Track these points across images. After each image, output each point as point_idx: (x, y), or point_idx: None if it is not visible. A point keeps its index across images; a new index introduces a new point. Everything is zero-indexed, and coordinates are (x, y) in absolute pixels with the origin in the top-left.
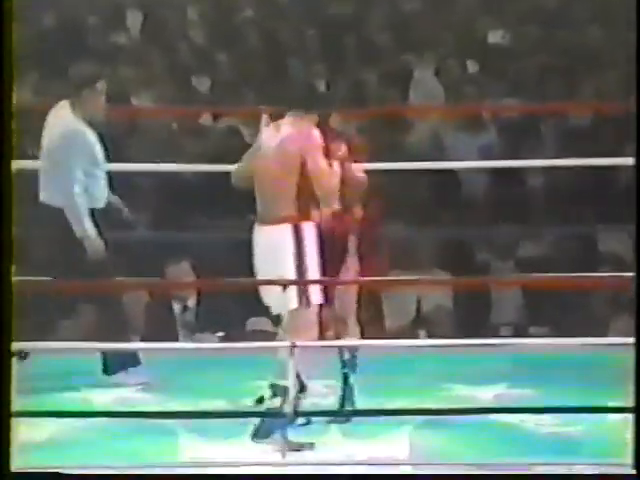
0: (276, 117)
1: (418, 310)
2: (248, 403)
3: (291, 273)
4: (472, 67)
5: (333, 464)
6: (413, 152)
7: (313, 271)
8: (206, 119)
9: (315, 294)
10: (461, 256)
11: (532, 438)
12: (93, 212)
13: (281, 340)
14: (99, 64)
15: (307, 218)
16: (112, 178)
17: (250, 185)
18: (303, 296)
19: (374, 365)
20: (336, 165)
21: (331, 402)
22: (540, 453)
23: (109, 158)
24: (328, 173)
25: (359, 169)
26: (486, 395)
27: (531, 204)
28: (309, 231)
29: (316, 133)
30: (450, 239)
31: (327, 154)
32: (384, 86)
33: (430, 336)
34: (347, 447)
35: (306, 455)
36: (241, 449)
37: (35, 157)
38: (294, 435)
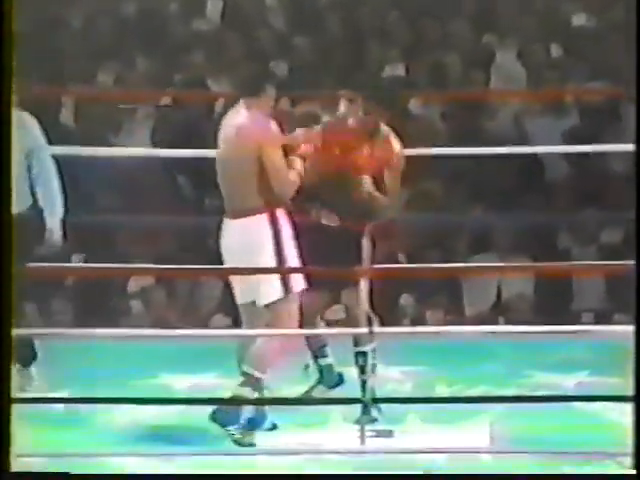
0: (353, 102)
1: (498, 296)
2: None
3: (271, 263)
4: (556, 51)
5: (411, 452)
6: (494, 137)
7: (292, 258)
8: (284, 104)
9: (297, 281)
10: (543, 242)
11: (615, 427)
12: None
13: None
14: (180, 51)
15: (277, 206)
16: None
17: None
18: (287, 285)
19: (454, 352)
20: (298, 162)
21: (407, 389)
22: (622, 443)
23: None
24: (283, 169)
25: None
26: (568, 383)
27: (614, 189)
28: (283, 219)
29: (273, 126)
30: (532, 224)
31: (285, 146)
32: (465, 70)
33: (510, 322)
34: (426, 435)
35: (385, 442)
36: (319, 436)
37: (115, 144)
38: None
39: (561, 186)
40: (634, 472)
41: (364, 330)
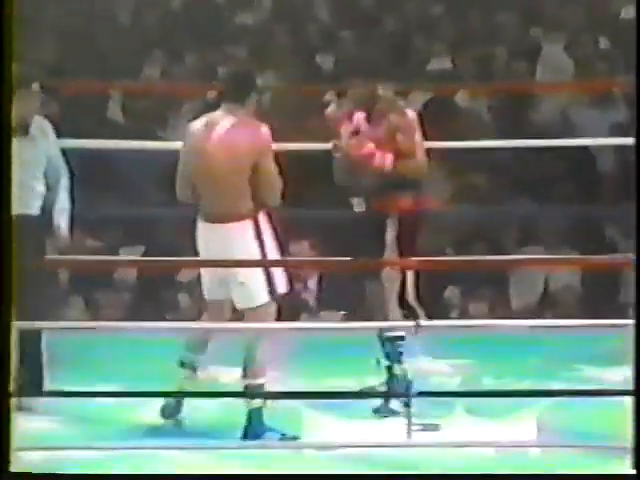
0: (402, 94)
1: (545, 289)
2: (372, 382)
3: (256, 268)
4: (604, 43)
5: (458, 445)
6: (541, 129)
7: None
8: (330, 96)
9: (281, 285)
10: (590, 234)
11: None
12: None
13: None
14: (227, 45)
15: (259, 212)
16: None
17: (190, 197)
18: (273, 290)
19: (501, 345)
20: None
21: (455, 382)
22: None
23: None
24: (277, 176)
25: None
26: (615, 377)
27: None
28: (265, 224)
29: (267, 131)
30: (579, 217)
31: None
32: (512, 62)
33: (557, 315)
34: (473, 428)
35: (431, 436)
36: (366, 429)
37: (162, 138)
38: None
39: (609, 178)
40: (634, 472)
41: (410, 323)
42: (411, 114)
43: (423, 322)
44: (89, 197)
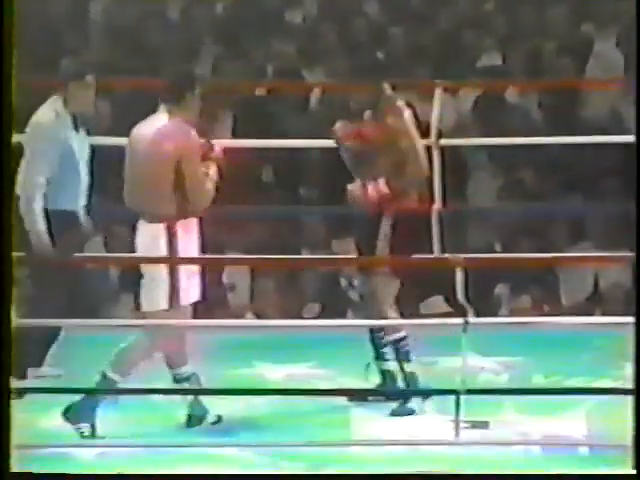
0: (451, 91)
1: (595, 286)
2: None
3: (163, 272)
4: None
5: (507, 443)
6: (591, 125)
7: (187, 270)
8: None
9: (186, 295)
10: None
11: None
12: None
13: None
14: (275, 41)
15: (184, 216)
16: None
17: (134, 190)
18: (174, 297)
19: (550, 343)
20: (212, 169)
21: (503, 379)
22: None
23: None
24: (201, 181)
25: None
26: None
27: None
28: (184, 230)
29: (194, 134)
30: (629, 213)
31: (203, 156)
32: (563, 58)
33: (607, 313)
34: (522, 426)
35: (480, 434)
36: (414, 426)
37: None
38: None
39: None
40: (634, 472)
41: (459, 320)
42: (407, 114)
43: (472, 319)
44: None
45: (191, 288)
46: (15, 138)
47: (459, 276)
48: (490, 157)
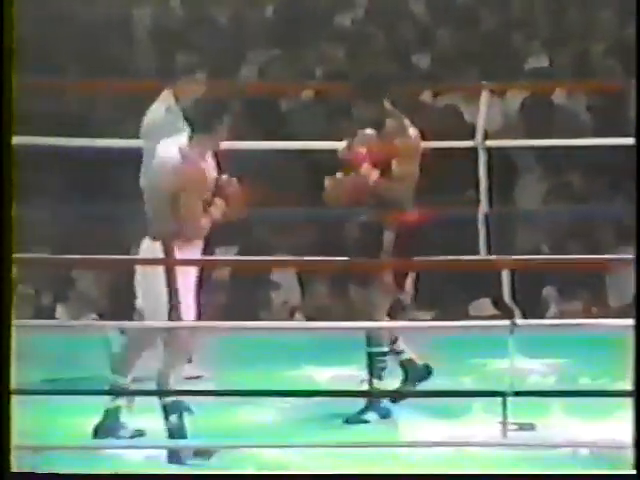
0: (498, 93)
1: None
2: (467, 382)
3: (162, 292)
4: None
5: (554, 446)
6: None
7: (186, 291)
8: (426, 96)
9: (187, 311)
10: None
11: None
12: None
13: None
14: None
15: (181, 237)
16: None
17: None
18: (174, 314)
19: (597, 345)
20: (219, 205)
21: (550, 381)
22: None
23: None
24: (195, 216)
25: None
26: None
27: None
28: (185, 248)
29: (204, 167)
30: None
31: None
32: (609, 60)
33: None
34: (569, 428)
35: (527, 435)
36: (461, 428)
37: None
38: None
39: None
40: (634, 472)
41: (506, 322)
42: (415, 137)
43: (519, 321)
44: None
45: (189, 308)
46: (15, 140)
47: (506, 278)
48: (537, 159)
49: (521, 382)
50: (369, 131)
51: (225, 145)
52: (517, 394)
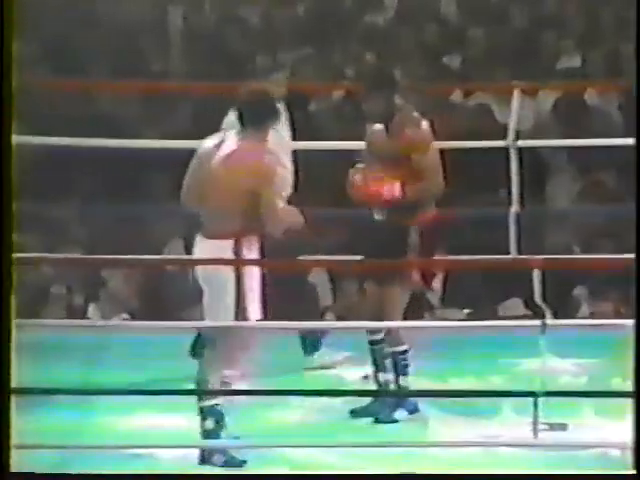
0: (530, 93)
1: None
2: (498, 381)
3: (230, 290)
4: None
5: (586, 446)
6: None
7: (251, 289)
8: (457, 96)
9: (254, 311)
10: None
11: None
12: None
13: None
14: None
15: (250, 233)
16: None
17: (201, 202)
18: (240, 314)
19: (624, 345)
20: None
21: (582, 381)
22: None
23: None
24: (278, 208)
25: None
26: None
27: None
28: (249, 248)
29: (270, 161)
30: None
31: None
32: None
33: None
34: (601, 428)
35: (559, 435)
36: (492, 428)
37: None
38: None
39: None
40: (634, 472)
41: (537, 322)
42: (425, 127)
43: (550, 321)
44: None
45: (255, 306)
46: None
47: (537, 278)
48: (569, 159)
49: (552, 382)
50: (378, 126)
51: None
52: (548, 394)
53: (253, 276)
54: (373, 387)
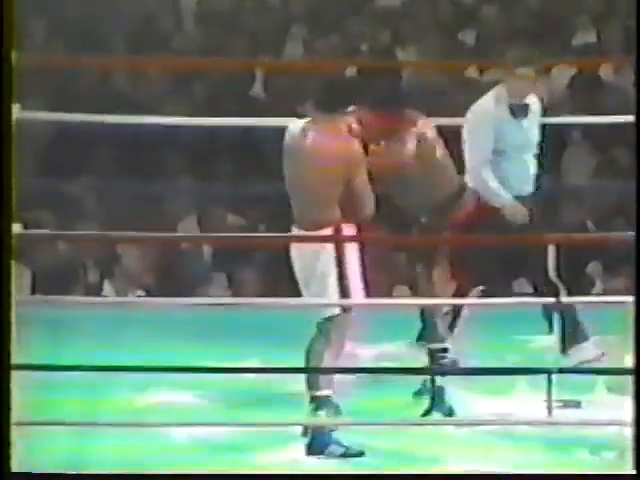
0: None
1: None
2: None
3: (332, 279)
4: None
5: (599, 424)
6: None
7: (354, 274)
8: (472, 72)
9: (357, 293)
10: None
11: None
12: None
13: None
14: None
15: (347, 221)
16: None
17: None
18: (344, 297)
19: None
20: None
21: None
22: None
23: None
24: (370, 191)
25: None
26: None
27: None
28: (349, 233)
29: (358, 146)
30: None
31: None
32: None
33: None
34: (614, 406)
35: (572, 413)
36: (507, 405)
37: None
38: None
39: None
40: (634, 472)
41: (551, 299)
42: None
43: (564, 298)
44: (232, 174)
45: (358, 292)
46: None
47: (551, 254)
48: (585, 135)
49: (566, 359)
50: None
51: None
52: (561, 371)
53: (354, 257)
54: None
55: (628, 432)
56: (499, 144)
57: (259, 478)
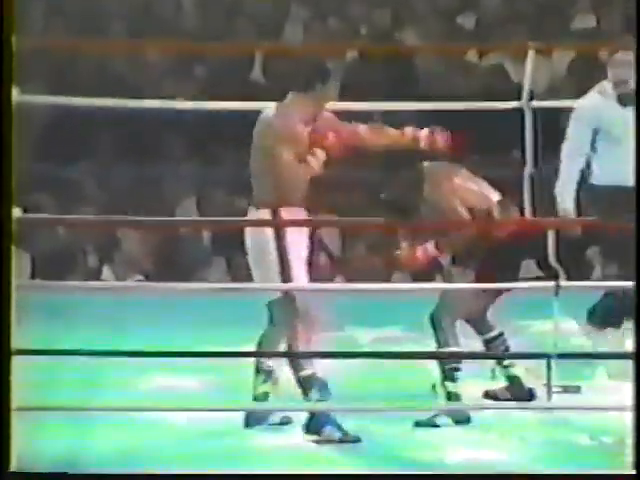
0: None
1: None
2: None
3: (274, 261)
4: None
5: (598, 408)
6: None
7: (296, 259)
8: (472, 56)
9: (299, 280)
10: None
11: None
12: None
13: None
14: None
15: (285, 204)
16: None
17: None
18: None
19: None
20: (318, 157)
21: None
22: None
23: None
24: (292, 168)
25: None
26: None
27: None
28: (290, 216)
29: (294, 123)
30: None
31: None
32: None
33: None
34: (614, 391)
35: (572, 398)
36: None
37: None
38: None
39: None
40: (634, 472)
41: (551, 283)
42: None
43: (563, 283)
44: (228, 157)
45: (301, 276)
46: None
47: (551, 239)
48: None
49: (565, 344)
50: None
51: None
52: (561, 356)
53: (297, 243)
54: None
55: (628, 418)
56: (603, 137)
57: (259, 478)
